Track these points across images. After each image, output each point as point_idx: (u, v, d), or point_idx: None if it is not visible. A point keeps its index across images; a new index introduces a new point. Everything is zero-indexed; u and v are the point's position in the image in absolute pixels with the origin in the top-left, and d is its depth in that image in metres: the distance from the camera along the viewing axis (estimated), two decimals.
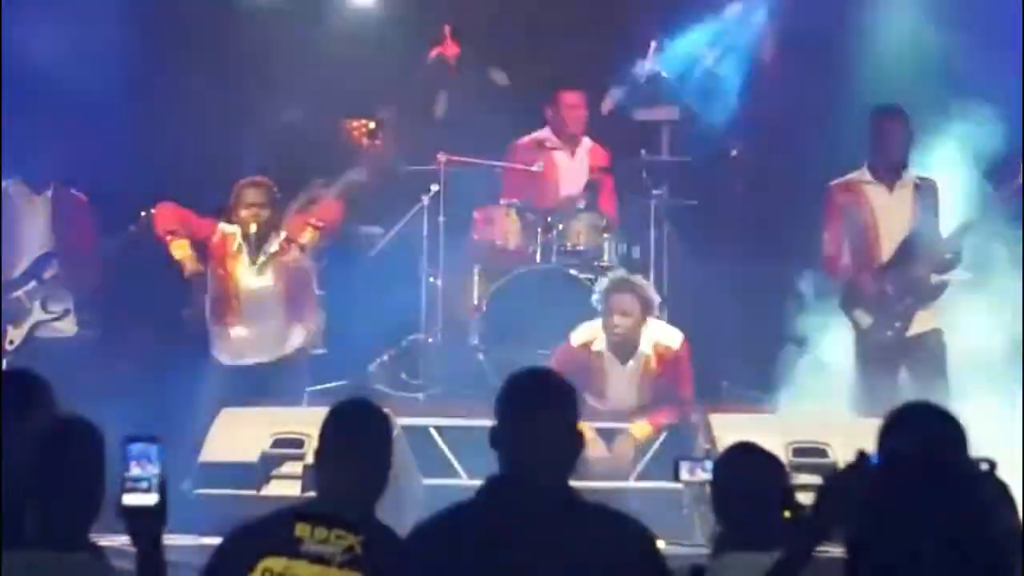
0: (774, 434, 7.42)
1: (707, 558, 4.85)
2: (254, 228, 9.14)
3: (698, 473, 5.67)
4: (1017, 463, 6.08)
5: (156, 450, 3.98)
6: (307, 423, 7.53)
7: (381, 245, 10.86)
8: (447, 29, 10.92)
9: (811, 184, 9.60)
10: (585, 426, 4.69)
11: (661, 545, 4.14)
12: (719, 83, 11.00)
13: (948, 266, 9.06)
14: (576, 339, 9.09)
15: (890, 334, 9.04)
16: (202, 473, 8.07)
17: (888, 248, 9.08)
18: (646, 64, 10.91)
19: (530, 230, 10.27)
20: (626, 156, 10.83)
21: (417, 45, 11.00)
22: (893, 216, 9.10)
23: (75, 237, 9.51)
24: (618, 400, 9.07)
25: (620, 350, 9.05)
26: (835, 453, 7.86)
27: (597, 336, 9.05)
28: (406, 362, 10.53)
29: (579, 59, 11.01)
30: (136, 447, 3.97)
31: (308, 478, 7.63)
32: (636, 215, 10.68)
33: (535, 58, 11.01)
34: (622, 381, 9.06)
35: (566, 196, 10.55)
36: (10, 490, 4.23)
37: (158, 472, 3.97)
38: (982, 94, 9.17)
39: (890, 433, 4.11)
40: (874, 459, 3.77)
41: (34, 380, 4.89)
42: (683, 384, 9.07)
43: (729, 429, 7.89)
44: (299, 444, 7.99)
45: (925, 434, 4.08)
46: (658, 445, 8.91)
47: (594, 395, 8.94)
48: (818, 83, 10.29)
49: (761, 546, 4.35)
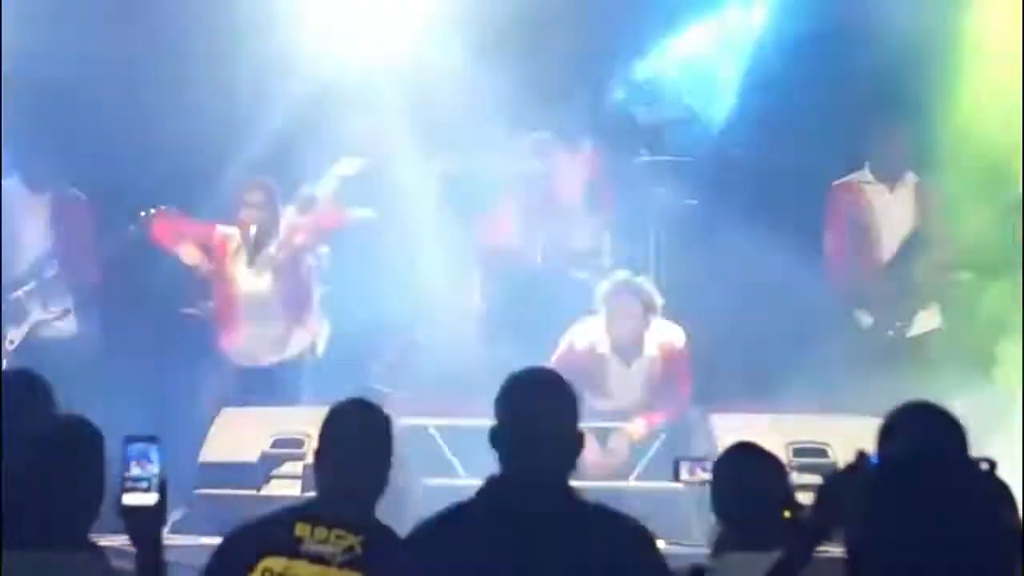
0: (774, 434, 7.43)
1: (707, 558, 4.85)
2: (254, 229, 9.13)
3: (698, 473, 5.68)
4: (1017, 463, 6.09)
5: (156, 450, 3.98)
6: (307, 423, 7.53)
7: (381, 244, 10.84)
8: None
9: (812, 184, 9.60)
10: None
11: (661, 545, 4.14)
12: (719, 83, 11.00)
13: (948, 266, 9.06)
14: (578, 340, 9.09)
15: (890, 334, 9.04)
16: (202, 473, 8.07)
17: (889, 248, 9.09)
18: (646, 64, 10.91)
19: (531, 230, 10.27)
20: (626, 156, 10.82)
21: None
22: (894, 216, 9.10)
23: (75, 237, 9.51)
24: (622, 401, 9.07)
25: (625, 351, 9.05)
26: (835, 453, 7.86)
27: (600, 337, 9.05)
28: (406, 362, 10.52)
29: (579, 59, 11.00)
30: (136, 447, 3.96)
31: (308, 478, 7.62)
32: (636, 215, 10.67)
33: (535, 58, 10.99)
34: (627, 382, 9.06)
35: (566, 196, 10.54)
36: (10, 490, 4.22)
37: (158, 472, 3.97)
38: (982, 93, 9.17)
39: (890, 433, 4.11)
40: (874, 459, 3.76)
41: (34, 380, 4.89)
42: (682, 382, 9.07)
43: (729, 429, 7.88)
44: (299, 444, 8.00)
45: (925, 434, 4.08)
46: (658, 445, 8.91)
47: (598, 395, 8.93)
48: (818, 83, 10.28)
49: (761, 546, 4.35)
